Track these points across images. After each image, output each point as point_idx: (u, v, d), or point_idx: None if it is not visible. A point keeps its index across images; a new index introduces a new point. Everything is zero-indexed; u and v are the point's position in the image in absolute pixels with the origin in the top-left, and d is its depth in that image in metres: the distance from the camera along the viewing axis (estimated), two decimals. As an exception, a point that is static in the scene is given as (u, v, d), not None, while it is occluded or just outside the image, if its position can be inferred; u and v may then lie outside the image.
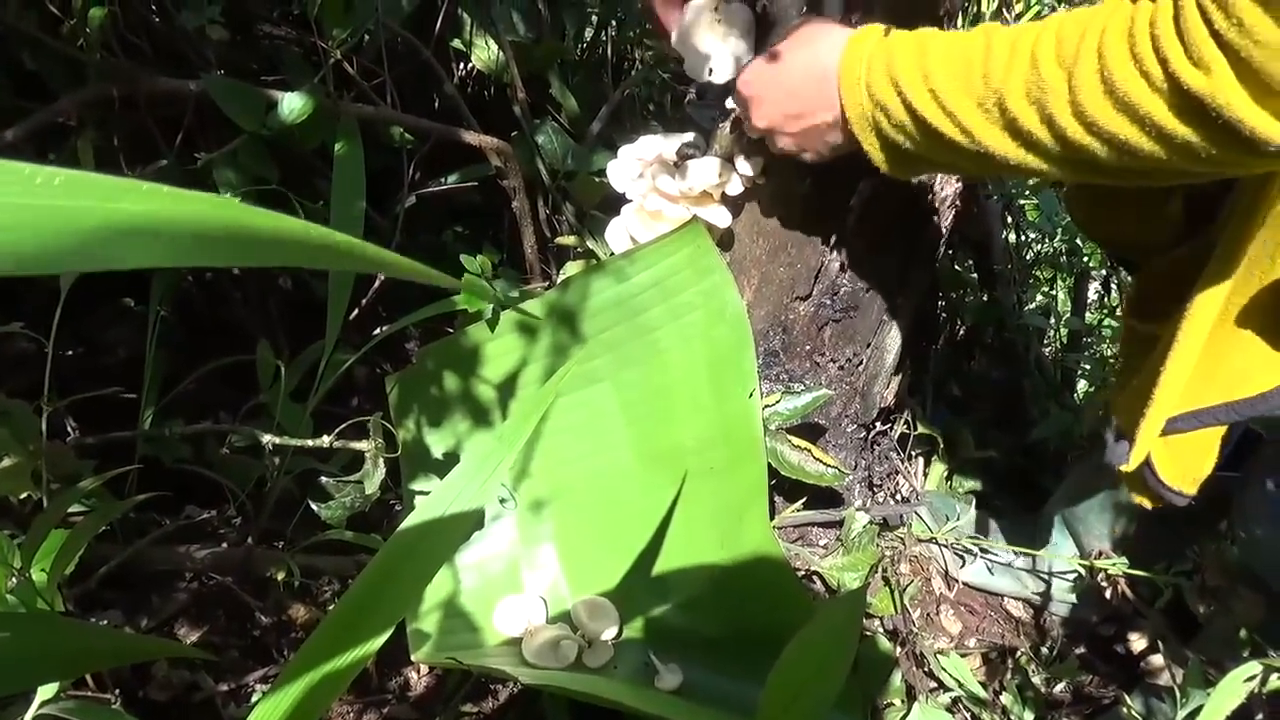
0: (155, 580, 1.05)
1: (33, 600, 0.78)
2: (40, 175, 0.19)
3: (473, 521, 0.47)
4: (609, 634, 0.99)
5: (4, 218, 0.18)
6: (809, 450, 1.04)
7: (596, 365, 1.05)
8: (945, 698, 1.09)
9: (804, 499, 1.11)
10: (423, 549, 0.49)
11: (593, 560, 1.05)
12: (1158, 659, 1.10)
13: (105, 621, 0.98)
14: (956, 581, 1.26)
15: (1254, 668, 0.82)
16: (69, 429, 1.03)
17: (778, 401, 1.05)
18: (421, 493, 1.06)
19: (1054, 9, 2.00)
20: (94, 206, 0.20)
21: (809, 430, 1.13)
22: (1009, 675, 1.14)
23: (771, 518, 1.09)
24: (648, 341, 1.03)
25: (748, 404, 0.99)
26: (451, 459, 1.07)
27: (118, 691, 0.88)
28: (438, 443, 1.09)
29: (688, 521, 1.02)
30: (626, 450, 1.06)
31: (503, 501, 1.06)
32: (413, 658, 0.94)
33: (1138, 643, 1.11)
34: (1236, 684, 0.82)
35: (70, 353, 1.23)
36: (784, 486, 1.10)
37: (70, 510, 0.89)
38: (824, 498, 1.15)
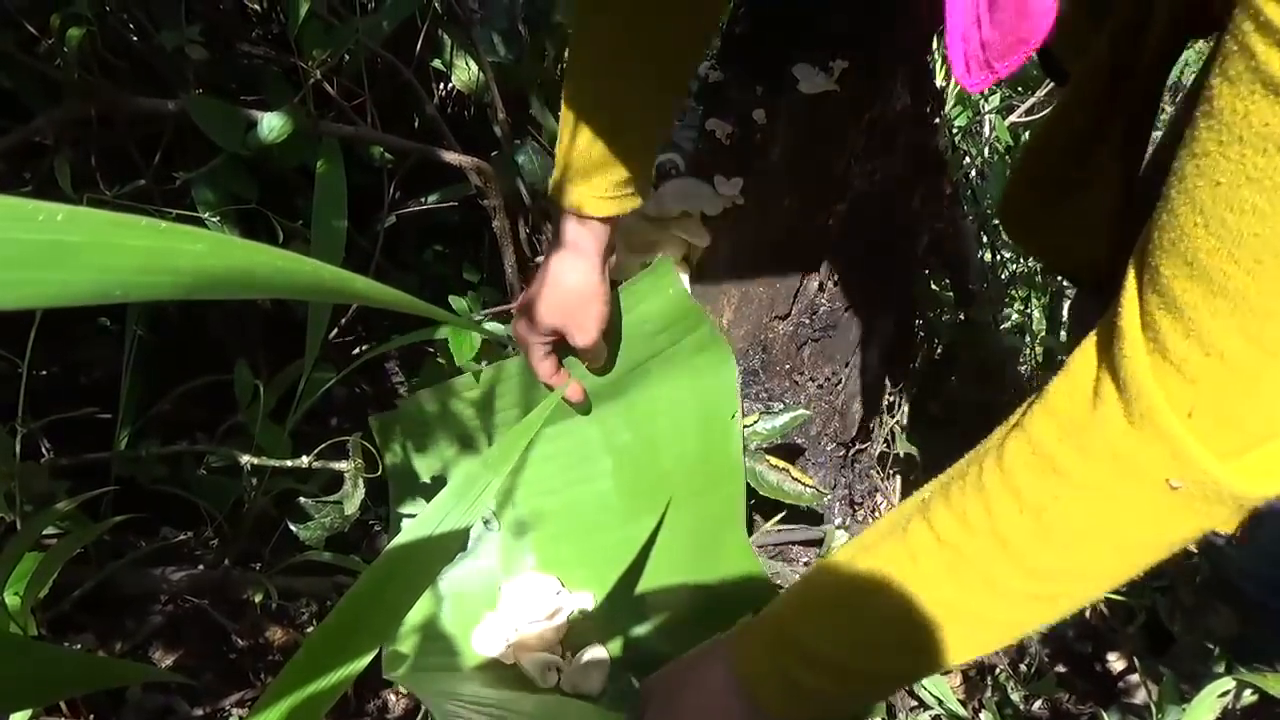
0: (130, 603, 1.03)
1: (5, 624, 0.77)
2: (42, 212, 0.19)
3: (458, 544, 0.47)
4: (595, 654, 0.98)
5: (7, 253, 0.19)
6: (787, 470, 1.04)
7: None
8: (925, 716, 1.09)
9: (782, 514, 1.12)
10: (408, 570, 0.49)
11: (575, 584, 1.05)
12: (1134, 676, 1.11)
13: (79, 645, 0.97)
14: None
15: (1228, 683, 0.83)
16: (43, 449, 1.02)
17: (756, 421, 1.06)
18: (408, 515, 1.05)
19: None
20: (96, 242, 0.20)
21: (788, 449, 1.14)
22: (988, 693, 1.15)
23: (750, 535, 1.10)
24: (631, 371, 1.03)
25: (729, 424, 1.00)
26: (439, 483, 1.07)
27: (91, 717, 0.87)
28: (424, 468, 1.08)
29: (668, 544, 1.02)
30: (609, 477, 1.06)
31: (486, 523, 1.06)
32: (385, 676, 0.93)
33: (1115, 661, 1.12)
34: (1211, 700, 0.83)
35: (45, 372, 1.22)
36: (763, 505, 1.10)
37: (44, 532, 0.88)
38: (804, 515, 1.16)
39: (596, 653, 0.98)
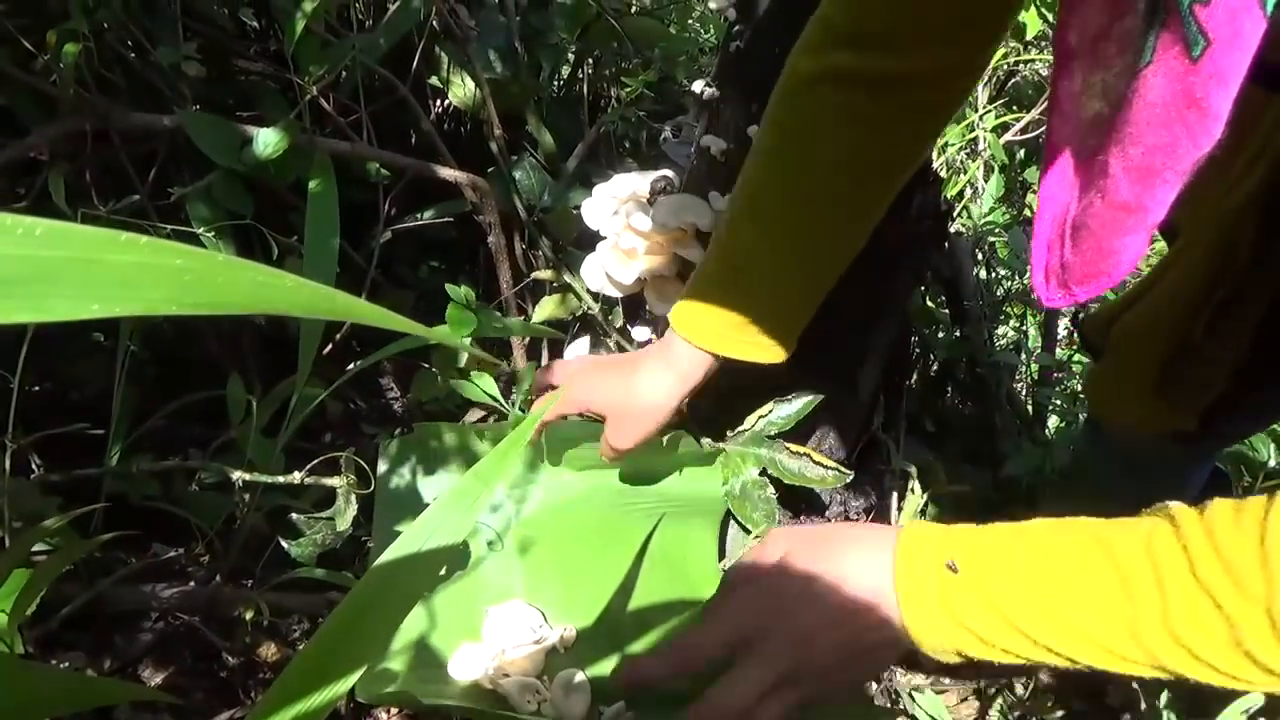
0: (119, 620, 1.02)
1: (-8, 642, 0.76)
2: (21, 226, 0.19)
3: (453, 559, 0.47)
4: (576, 680, 0.96)
5: (-17, 269, 0.18)
6: (808, 455, 1.02)
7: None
8: (922, 734, 1.09)
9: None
10: (399, 585, 0.49)
11: (557, 616, 1.04)
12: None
13: (67, 664, 0.96)
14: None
15: (1254, 700, 0.82)
16: (34, 466, 1.02)
17: (770, 410, 1.03)
18: (398, 530, 1.04)
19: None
20: (74, 257, 0.20)
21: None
22: (987, 713, 1.14)
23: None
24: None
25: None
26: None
27: (79, 736, 0.86)
28: (426, 491, 1.08)
29: (644, 567, 1.02)
30: (590, 505, 1.06)
31: (491, 545, 1.05)
32: (358, 696, 0.91)
33: (1113, 680, 1.11)
34: (1235, 715, 0.82)
35: (36, 388, 1.21)
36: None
37: (33, 548, 0.87)
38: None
39: (578, 679, 0.96)
